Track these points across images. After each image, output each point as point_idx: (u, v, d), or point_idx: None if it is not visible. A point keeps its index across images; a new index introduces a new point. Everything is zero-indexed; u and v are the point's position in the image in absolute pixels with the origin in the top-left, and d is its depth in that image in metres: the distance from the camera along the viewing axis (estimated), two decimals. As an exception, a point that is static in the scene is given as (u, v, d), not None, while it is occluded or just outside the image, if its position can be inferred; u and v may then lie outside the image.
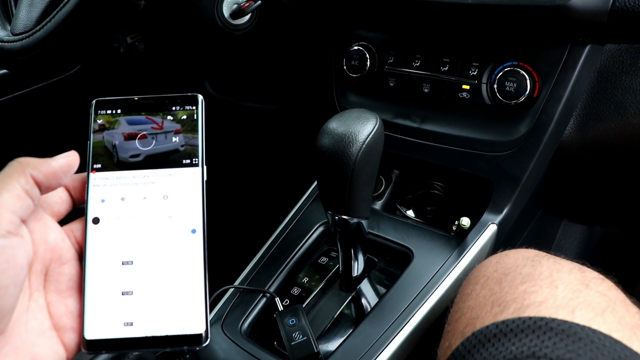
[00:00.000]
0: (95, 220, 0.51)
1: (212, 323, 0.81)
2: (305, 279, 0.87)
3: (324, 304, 0.83)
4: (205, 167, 0.54)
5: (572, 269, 0.57)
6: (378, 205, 0.97)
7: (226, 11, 1.04)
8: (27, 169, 0.46)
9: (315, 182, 0.98)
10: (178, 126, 0.54)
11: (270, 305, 0.84)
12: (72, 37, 0.85)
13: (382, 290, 0.83)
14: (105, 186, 0.52)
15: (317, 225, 0.92)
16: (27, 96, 1.63)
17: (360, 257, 0.80)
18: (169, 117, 0.55)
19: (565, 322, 0.48)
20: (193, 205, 0.52)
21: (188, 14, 1.06)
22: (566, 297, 0.51)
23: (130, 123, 0.54)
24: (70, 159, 0.49)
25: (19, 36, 0.89)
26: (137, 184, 0.53)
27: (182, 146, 0.54)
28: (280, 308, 0.81)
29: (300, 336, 0.75)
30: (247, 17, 1.06)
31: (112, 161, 0.53)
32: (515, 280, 0.56)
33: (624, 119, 0.79)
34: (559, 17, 0.74)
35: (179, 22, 1.12)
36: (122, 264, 0.50)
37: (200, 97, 0.56)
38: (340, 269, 0.82)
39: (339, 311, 0.81)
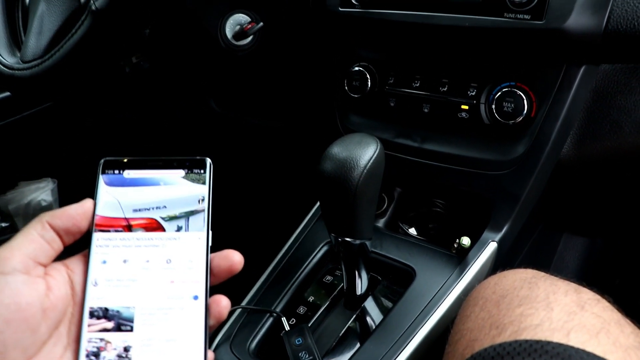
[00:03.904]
0: (96, 283, 0.50)
1: (221, 343, 0.83)
2: (311, 298, 0.89)
3: (330, 323, 0.85)
4: (210, 232, 0.53)
5: (568, 290, 0.58)
6: (381, 223, 0.99)
7: (229, 33, 1.07)
8: (44, 217, 0.49)
9: (319, 202, 1.00)
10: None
11: (277, 324, 0.85)
12: (79, 65, 0.88)
13: (386, 307, 0.85)
14: (107, 247, 0.51)
15: (322, 244, 0.94)
16: (32, 117, 1.66)
17: (364, 276, 0.82)
18: (174, 182, 0.54)
19: (560, 345, 0.50)
20: (196, 271, 0.51)
21: (192, 37, 1.08)
22: (561, 319, 0.53)
23: (135, 184, 0.54)
24: (85, 204, 0.52)
25: (29, 64, 0.92)
26: (140, 246, 0.51)
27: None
28: (287, 328, 0.83)
29: (307, 355, 0.77)
30: (250, 38, 1.08)
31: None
32: (513, 303, 0.58)
33: (619, 137, 0.81)
34: (555, 39, 0.75)
35: (184, 44, 1.14)
36: (121, 329, 0.49)
37: (208, 161, 0.55)
38: (345, 288, 0.84)
39: (344, 329, 0.83)
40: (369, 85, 0.95)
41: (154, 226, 0.52)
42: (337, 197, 0.69)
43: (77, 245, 0.53)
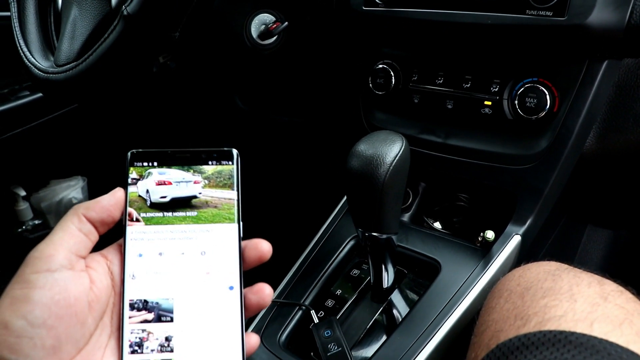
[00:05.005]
0: (133, 276, 0.52)
1: (252, 336, 0.86)
2: (339, 291, 0.91)
3: (357, 315, 0.87)
4: (241, 222, 0.54)
5: (591, 282, 0.59)
6: (406, 217, 1.01)
7: (254, 32, 1.09)
8: (79, 210, 0.51)
9: (345, 197, 1.02)
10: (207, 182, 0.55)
11: (306, 317, 0.88)
12: (112, 68, 0.91)
13: (412, 300, 0.87)
14: (142, 240, 0.53)
15: (348, 239, 0.96)
16: (62, 117, 1.70)
17: (391, 270, 0.84)
18: (202, 173, 0.55)
19: (583, 335, 0.51)
20: (230, 262, 0.52)
21: (219, 37, 1.11)
22: (585, 310, 0.54)
23: (164, 175, 0.55)
24: (116, 194, 0.54)
25: (63, 67, 0.95)
26: (174, 239, 0.53)
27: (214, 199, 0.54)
28: (316, 320, 0.85)
29: (336, 347, 0.79)
30: (275, 37, 1.10)
31: (146, 204, 0.53)
32: (537, 295, 0.59)
33: (643, 131, 0.82)
34: (577, 35, 0.76)
35: (211, 45, 1.16)
36: (161, 320, 0.51)
37: (235, 152, 0.56)
38: (372, 281, 0.86)
39: (371, 322, 0.85)
40: (393, 83, 0.97)
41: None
42: (364, 193, 0.71)
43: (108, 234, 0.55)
